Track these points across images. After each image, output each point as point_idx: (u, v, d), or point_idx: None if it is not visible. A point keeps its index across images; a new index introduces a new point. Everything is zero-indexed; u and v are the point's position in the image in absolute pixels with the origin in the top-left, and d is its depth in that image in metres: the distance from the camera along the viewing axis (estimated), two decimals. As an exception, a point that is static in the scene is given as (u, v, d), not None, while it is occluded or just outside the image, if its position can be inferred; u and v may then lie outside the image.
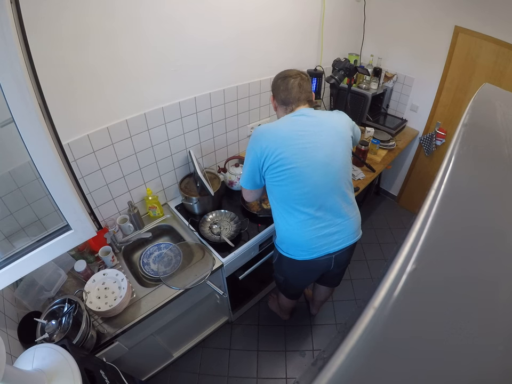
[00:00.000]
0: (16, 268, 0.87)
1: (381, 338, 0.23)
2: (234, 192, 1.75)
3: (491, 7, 1.72)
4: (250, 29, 1.53)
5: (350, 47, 2.32)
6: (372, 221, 2.74)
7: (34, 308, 1.12)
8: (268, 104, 1.90)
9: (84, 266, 1.22)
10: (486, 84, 0.70)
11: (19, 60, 0.64)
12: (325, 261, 1.26)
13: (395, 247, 0.48)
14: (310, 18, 1.84)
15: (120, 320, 1.16)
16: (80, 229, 0.94)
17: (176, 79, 1.37)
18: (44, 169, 0.79)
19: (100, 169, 1.30)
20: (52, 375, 0.75)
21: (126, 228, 1.46)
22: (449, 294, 0.28)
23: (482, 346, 0.25)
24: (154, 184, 1.58)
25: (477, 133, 0.50)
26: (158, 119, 1.39)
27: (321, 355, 1.10)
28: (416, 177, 2.67)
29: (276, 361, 1.79)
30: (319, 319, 2.00)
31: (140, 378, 1.47)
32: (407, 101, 2.42)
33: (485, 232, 0.35)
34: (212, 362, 1.78)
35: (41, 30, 0.93)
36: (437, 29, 1.99)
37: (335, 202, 1.16)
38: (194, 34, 1.33)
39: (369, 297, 0.26)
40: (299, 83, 1.16)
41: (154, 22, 1.18)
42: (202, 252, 1.41)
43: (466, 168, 0.42)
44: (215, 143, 1.76)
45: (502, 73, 1.83)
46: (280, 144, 1.08)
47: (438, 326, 0.26)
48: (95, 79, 1.13)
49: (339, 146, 1.15)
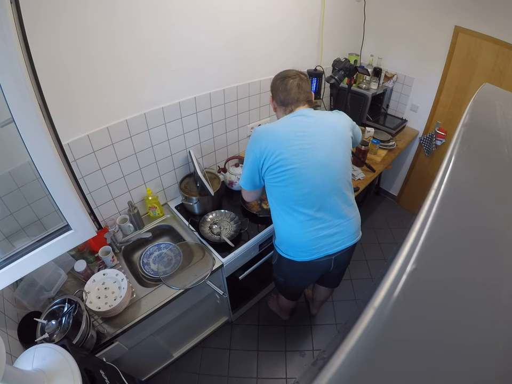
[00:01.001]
0: (16, 268, 0.87)
1: (381, 338, 0.23)
2: (234, 192, 1.75)
3: (491, 7, 1.72)
4: (250, 29, 1.53)
5: (350, 47, 2.32)
6: (371, 221, 2.74)
7: (34, 308, 1.12)
8: (267, 104, 1.90)
9: (83, 266, 1.22)
10: (486, 84, 0.70)
11: (19, 60, 0.64)
12: (325, 262, 1.26)
13: (395, 247, 0.48)
14: (310, 18, 1.84)
15: (120, 320, 1.15)
16: (80, 229, 0.94)
17: (176, 79, 1.37)
18: (43, 169, 0.79)
19: (100, 169, 1.30)
20: (52, 375, 0.75)
21: (126, 228, 1.46)
22: (449, 294, 0.28)
23: (482, 346, 0.25)
24: (154, 184, 1.58)
25: (477, 133, 0.50)
26: (158, 119, 1.39)
27: (321, 355, 1.10)
28: (416, 177, 2.67)
29: (276, 361, 1.79)
30: (319, 319, 2.00)
31: (140, 378, 1.47)
32: (407, 101, 2.42)
33: (484, 232, 0.35)
34: (212, 362, 1.78)
35: (41, 30, 0.93)
36: (437, 29, 1.99)
37: (335, 203, 1.16)
38: (194, 35, 1.33)
39: (369, 297, 0.26)
40: (298, 83, 1.16)
41: (154, 22, 1.18)
42: (202, 252, 1.41)
43: (466, 168, 0.42)
44: (215, 143, 1.76)
45: (502, 73, 1.83)
46: (279, 145, 1.08)
47: (438, 326, 0.26)
48: (95, 79, 1.13)
49: (339, 147, 1.15)
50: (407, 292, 0.25)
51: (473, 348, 0.25)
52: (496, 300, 0.28)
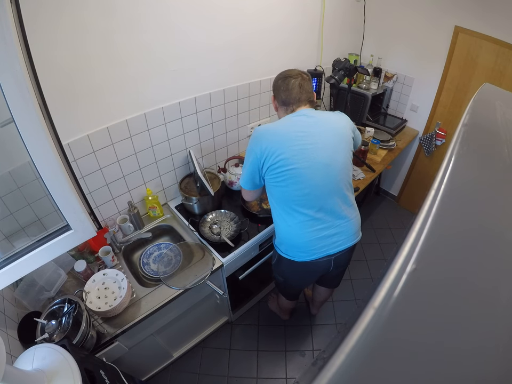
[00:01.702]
0: (16, 268, 0.87)
1: (381, 338, 0.23)
2: (234, 192, 1.75)
3: (491, 7, 1.72)
4: (250, 29, 1.53)
5: (350, 47, 2.32)
6: (371, 221, 2.74)
7: (34, 308, 1.12)
8: (267, 104, 1.90)
9: (83, 266, 1.22)
10: (486, 84, 0.70)
11: (19, 60, 0.64)
12: (324, 263, 1.26)
13: (395, 247, 0.48)
14: (310, 19, 1.84)
15: (120, 320, 1.15)
16: (80, 229, 0.94)
17: (176, 79, 1.37)
18: (44, 169, 0.79)
19: (100, 169, 1.30)
20: (52, 375, 0.75)
21: (126, 228, 1.46)
22: (449, 294, 0.28)
23: (482, 346, 0.25)
24: (154, 184, 1.58)
25: (477, 133, 0.50)
26: (158, 119, 1.39)
27: (321, 355, 1.10)
28: (416, 177, 2.67)
29: (276, 361, 1.79)
30: (319, 319, 2.00)
31: (140, 378, 1.47)
32: (407, 101, 2.42)
33: (484, 232, 0.35)
34: (212, 362, 1.78)
35: (41, 30, 0.93)
36: (437, 29, 1.99)
37: (335, 203, 1.16)
38: (194, 34, 1.33)
39: (369, 297, 0.26)
40: (300, 83, 1.15)
41: (154, 22, 1.18)
42: (202, 252, 1.41)
43: (466, 168, 0.42)
44: (215, 143, 1.76)
45: (502, 73, 1.83)
46: (280, 145, 1.08)
47: (438, 326, 0.26)
48: (95, 79, 1.13)
49: (340, 147, 1.14)
50: (407, 292, 0.25)
51: (473, 348, 0.25)
52: (496, 300, 0.28)
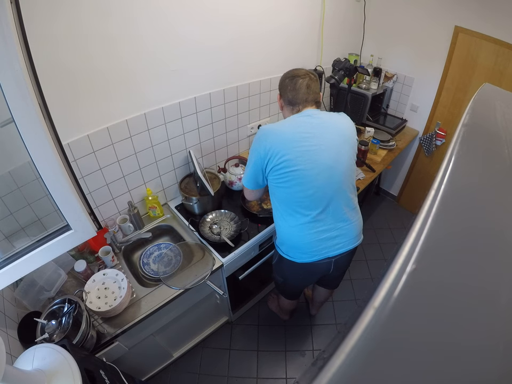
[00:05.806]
0: (16, 268, 0.87)
1: (381, 338, 0.23)
2: (234, 192, 1.75)
3: (491, 7, 1.72)
4: (251, 30, 1.53)
5: (350, 47, 2.32)
6: (372, 221, 2.74)
7: (34, 308, 1.12)
8: (267, 104, 1.90)
9: (84, 266, 1.22)
10: (486, 84, 0.70)
11: (19, 60, 0.64)
12: (325, 264, 1.25)
13: (395, 247, 0.48)
14: (310, 19, 1.84)
15: (120, 320, 1.15)
16: (80, 229, 0.94)
17: (176, 79, 1.37)
18: (44, 169, 0.79)
19: (100, 169, 1.30)
20: (52, 375, 0.75)
21: (126, 228, 1.46)
22: (449, 294, 0.28)
23: (482, 346, 0.25)
24: (154, 184, 1.58)
25: (477, 133, 0.50)
26: (158, 119, 1.39)
27: (321, 355, 1.10)
28: (416, 177, 2.67)
29: (276, 361, 1.79)
30: (319, 319, 2.00)
31: (140, 378, 1.46)
32: (407, 101, 2.42)
33: (484, 232, 0.35)
34: (212, 362, 1.78)
35: (41, 30, 0.93)
36: (437, 29, 1.99)
37: (338, 206, 1.15)
38: (194, 35, 1.33)
39: (369, 297, 0.26)
40: (307, 84, 1.14)
41: (154, 22, 1.18)
42: (202, 252, 1.41)
43: (466, 168, 0.42)
44: (215, 143, 1.76)
45: (502, 73, 1.83)
46: (284, 146, 1.07)
47: (438, 326, 0.26)
48: (95, 79, 1.12)
49: (344, 149, 1.13)
50: (407, 292, 0.25)
51: (473, 347, 0.25)
52: (496, 300, 0.28)
